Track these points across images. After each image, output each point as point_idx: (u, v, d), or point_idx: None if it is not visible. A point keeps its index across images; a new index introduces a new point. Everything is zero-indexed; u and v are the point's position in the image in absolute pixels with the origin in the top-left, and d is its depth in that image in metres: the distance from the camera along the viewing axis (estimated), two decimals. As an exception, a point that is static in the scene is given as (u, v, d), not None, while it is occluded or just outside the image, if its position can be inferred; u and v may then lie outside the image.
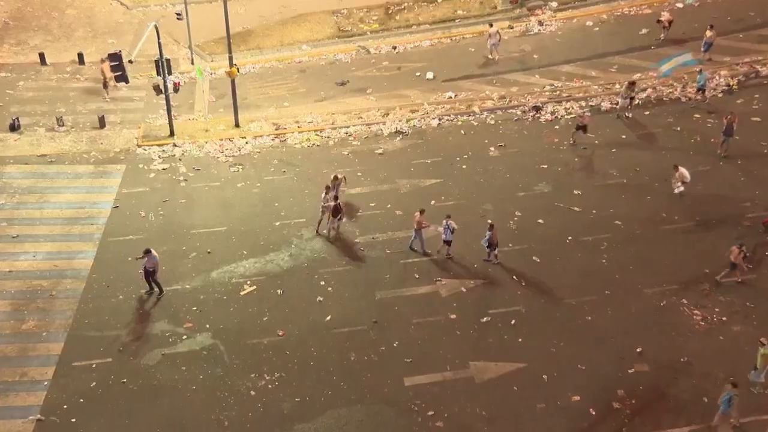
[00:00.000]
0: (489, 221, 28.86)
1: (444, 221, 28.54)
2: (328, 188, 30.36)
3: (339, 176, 31.51)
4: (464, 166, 34.67)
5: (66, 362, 25.06)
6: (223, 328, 26.24)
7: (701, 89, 37.86)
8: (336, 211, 29.88)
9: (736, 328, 25.53)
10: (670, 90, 39.72)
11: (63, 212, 32.23)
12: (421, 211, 29.05)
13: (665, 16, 44.44)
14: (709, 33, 41.10)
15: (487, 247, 28.40)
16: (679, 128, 36.60)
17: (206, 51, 47.44)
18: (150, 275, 27.41)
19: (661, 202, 31.49)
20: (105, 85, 41.43)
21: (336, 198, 30.05)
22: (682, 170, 31.22)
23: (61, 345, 25.68)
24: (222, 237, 30.81)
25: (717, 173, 32.58)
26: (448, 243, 28.79)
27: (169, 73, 37.83)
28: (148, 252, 27.17)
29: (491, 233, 28.13)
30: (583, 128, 35.68)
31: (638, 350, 24.70)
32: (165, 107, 38.55)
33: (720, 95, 39.10)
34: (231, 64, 38.19)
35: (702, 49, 41.42)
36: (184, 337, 25.95)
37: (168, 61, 37.57)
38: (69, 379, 24.48)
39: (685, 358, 24.42)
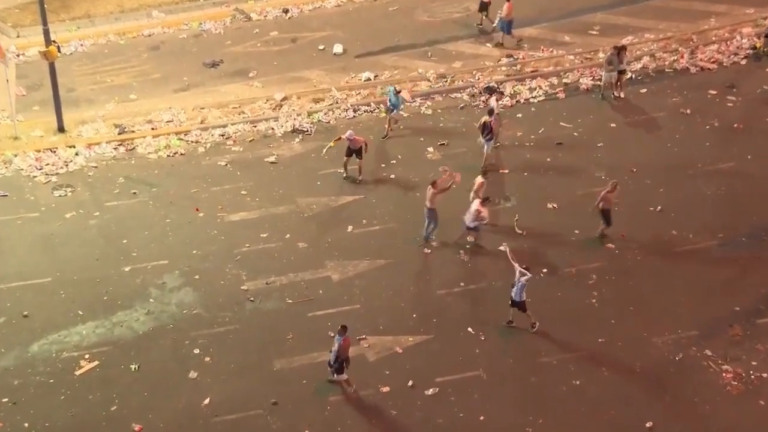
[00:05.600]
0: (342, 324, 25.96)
1: (518, 273, 27.19)
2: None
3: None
4: (392, 175, 34.92)
5: None
6: (51, 426, 25.65)
7: (392, 109, 37.27)
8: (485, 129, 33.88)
9: (782, 386, 26.15)
10: (675, 57, 40.74)
11: None
12: (433, 183, 30.86)
13: None
14: (505, 6, 42.09)
15: (334, 363, 25.55)
16: (689, 110, 37.61)
17: (8, 22, 46.92)
18: None
19: (669, 216, 32.22)
20: None
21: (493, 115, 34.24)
22: None
23: None
24: (45, 292, 30.29)
25: (744, 171, 33.39)
26: (518, 306, 27.57)
27: (-45, 57, 37.34)
28: None
29: (342, 340, 25.40)
30: (356, 152, 34.95)
31: (648, 425, 24.97)
32: (-50, 107, 38.04)
33: (743, 62, 40.32)
34: (48, 41, 37.73)
35: (499, 28, 42.79)
36: (-7, 442, 25.41)
37: (-48, 39, 37.11)
38: None
39: (713, 433, 24.93)
